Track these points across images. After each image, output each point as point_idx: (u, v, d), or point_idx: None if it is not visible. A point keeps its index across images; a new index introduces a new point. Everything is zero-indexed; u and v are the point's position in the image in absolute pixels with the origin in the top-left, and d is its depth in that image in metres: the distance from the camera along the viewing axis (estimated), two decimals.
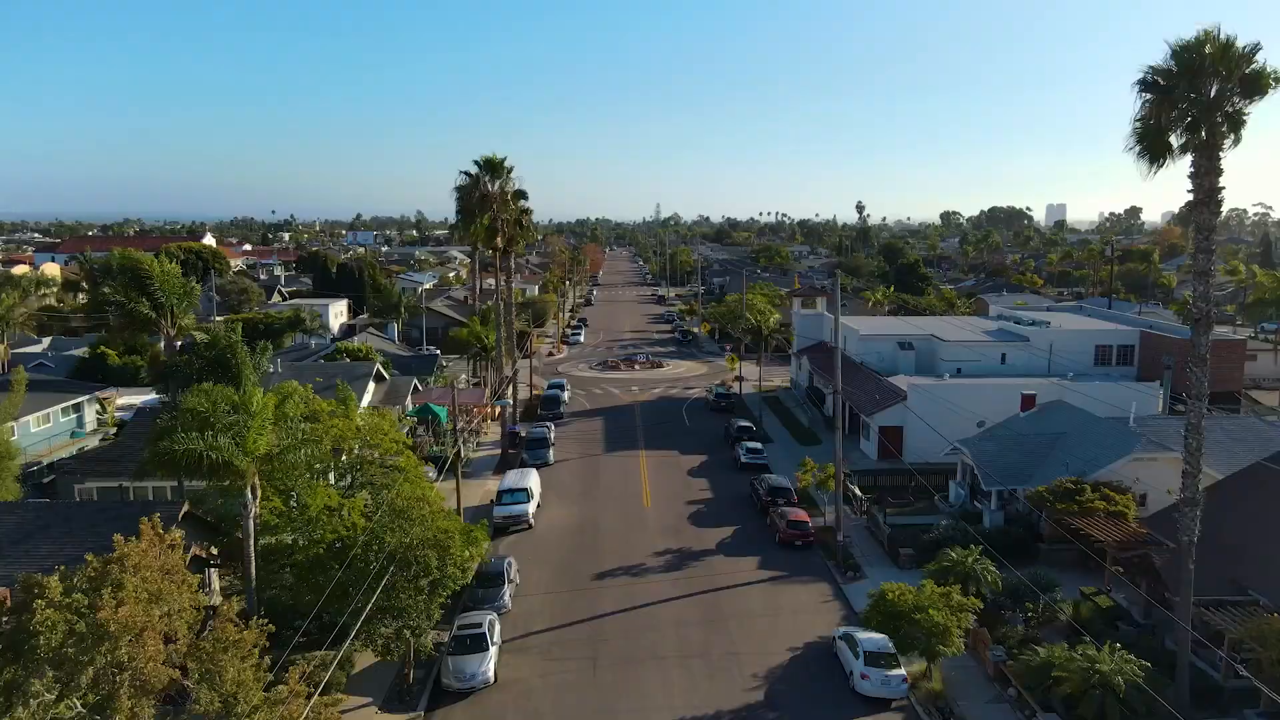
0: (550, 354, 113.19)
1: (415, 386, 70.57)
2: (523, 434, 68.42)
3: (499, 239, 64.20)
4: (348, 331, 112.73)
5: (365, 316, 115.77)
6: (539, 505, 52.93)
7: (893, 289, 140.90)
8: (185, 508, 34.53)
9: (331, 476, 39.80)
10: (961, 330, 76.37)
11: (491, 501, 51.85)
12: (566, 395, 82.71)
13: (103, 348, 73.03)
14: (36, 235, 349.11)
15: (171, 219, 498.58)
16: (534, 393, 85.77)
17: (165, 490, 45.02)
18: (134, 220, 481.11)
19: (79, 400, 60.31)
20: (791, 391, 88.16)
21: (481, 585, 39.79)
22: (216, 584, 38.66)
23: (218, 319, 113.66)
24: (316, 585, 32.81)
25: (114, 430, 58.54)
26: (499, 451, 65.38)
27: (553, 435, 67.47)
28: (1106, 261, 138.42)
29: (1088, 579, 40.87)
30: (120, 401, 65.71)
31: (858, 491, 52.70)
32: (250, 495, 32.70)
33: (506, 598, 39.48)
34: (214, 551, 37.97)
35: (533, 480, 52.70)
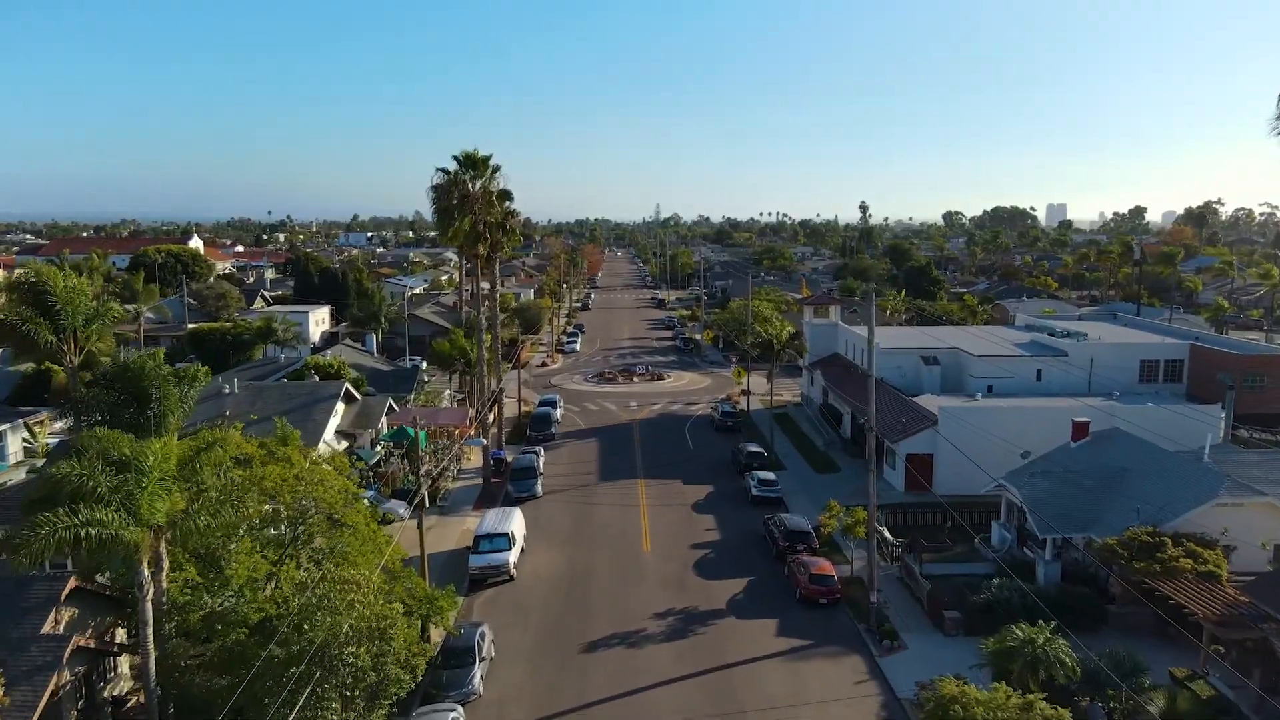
0: (543, 364, 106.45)
1: (390, 406, 63.95)
2: (508, 460, 61.78)
3: (481, 245, 57.43)
4: (329, 340, 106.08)
5: (347, 325, 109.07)
6: (523, 549, 46.32)
7: (904, 293, 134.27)
8: (71, 584, 27.91)
9: (281, 529, 33.07)
10: (989, 342, 69.63)
11: (468, 547, 45.12)
12: (559, 413, 76.02)
13: (48, 363, 66.25)
14: (29, 236, 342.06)
15: (170, 220, 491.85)
16: (524, 409, 79.10)
17: None
18: (130, 221, 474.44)
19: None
20: (803, 408, 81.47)
21: (447, 664, 33.14)
22: (125, 667, 31.98)
23: (190, 326, 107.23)
24: (239, 676, 26.17)
25: (43, 461, 51.84)
26: (481, 481, 58.74)
27: (542, 463, 60.77)
28: (1134, 264, 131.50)
29: (1170, 651, 34.21)
30: (58, 426, 59.01)
31: (887, 534, 46.00)
32: (146, 573, 26.03)
33: (476, 680, 32.74)
34: (120, 636, 31.31)
35: (515, 522, 45.98)
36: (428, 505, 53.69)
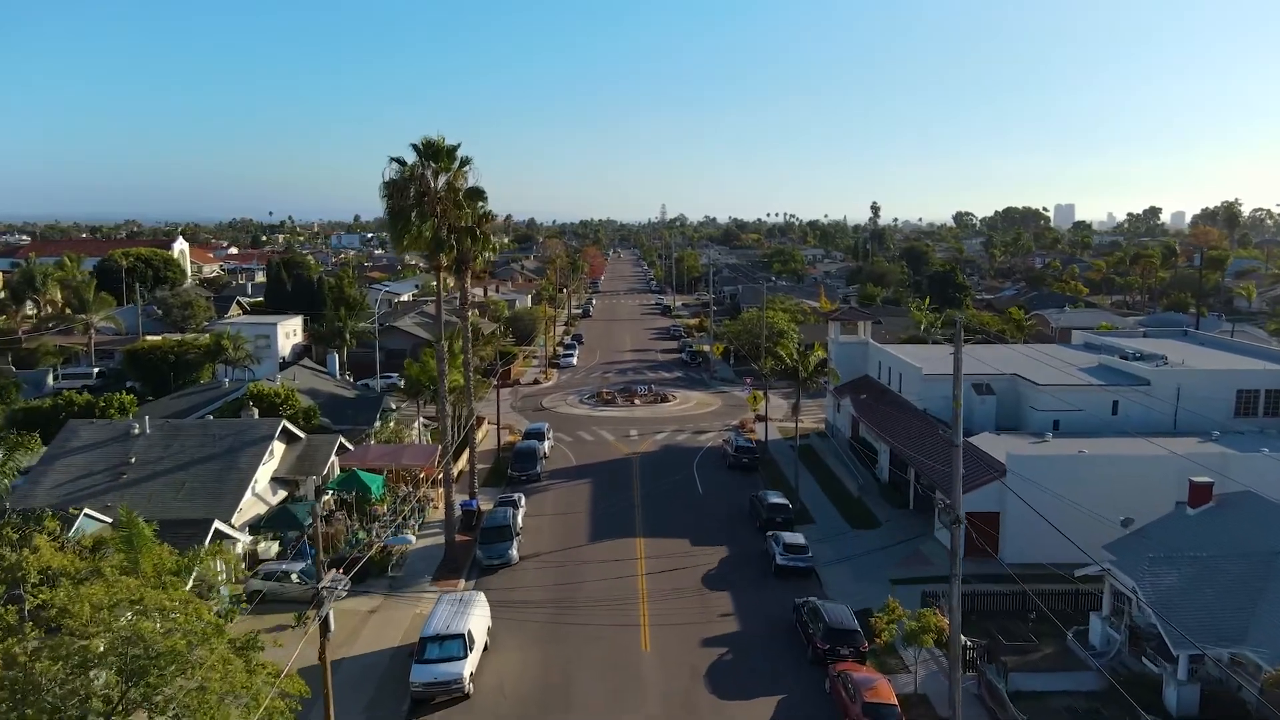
0: (535, 382, 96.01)
1: (341, 444, 53.69)
2: (480, 510, 51.52)
3: (446, 254, 47.08)
4: (302, 355, 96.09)
5: (308, 340, 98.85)
6: (487, 646, 36.06)
7: (928, 301, 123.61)
8: None
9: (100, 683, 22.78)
10: (1051, 368, 59.11)
11: (412, 652, 34.69)
12: (547, 446, 65.64)
13: None
14: (24, 238, 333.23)
15: (174, 221, 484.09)
16: (508, 439, 68.80)
17: None
18: (132, 222, 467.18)
19: None
20: (828, 439, 70.98)
21: None
22: None
23: (149, 339, 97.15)
24: None
25: None
26: (446, 540, 48.30)
27: (521, 516, 50.58)
28: (1191, 268, 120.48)
29: None
30: None
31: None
32: None
33: None
34: None
35: (475, 616, 35.55)
36: (375, 576, 43.71)
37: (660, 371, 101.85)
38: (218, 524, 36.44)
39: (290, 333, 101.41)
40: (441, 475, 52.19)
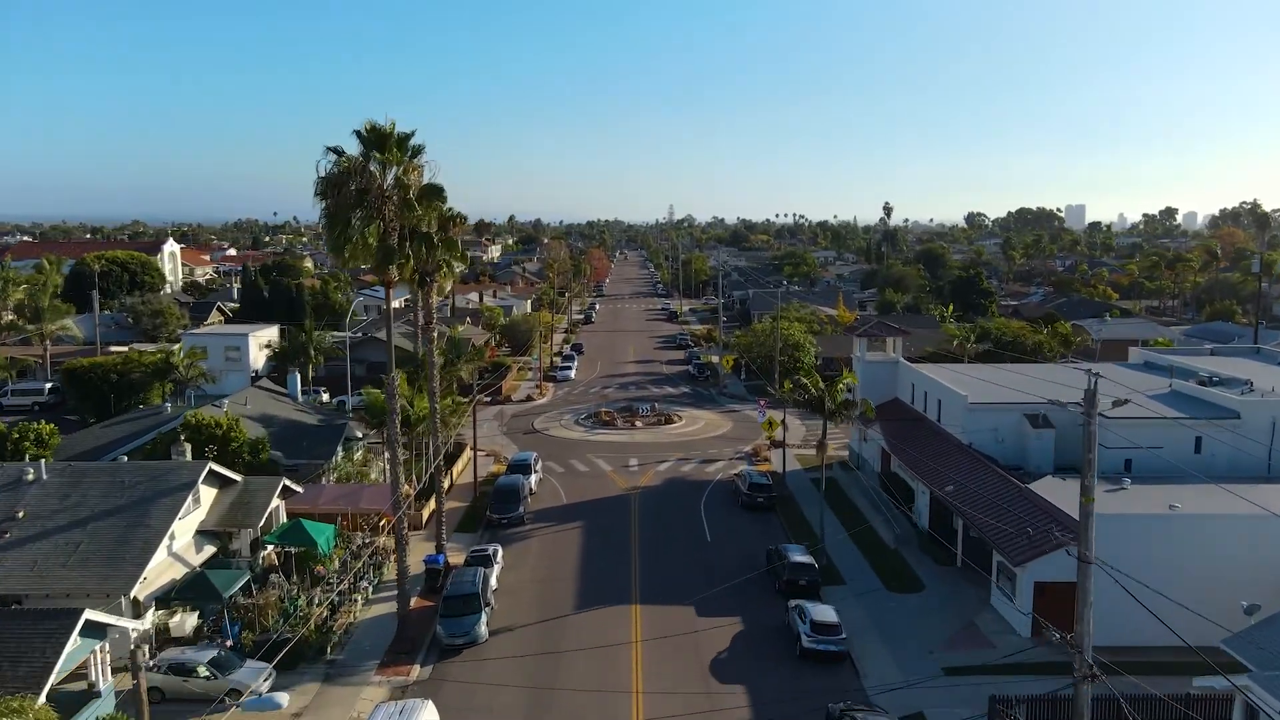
0: (529, 398, 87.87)
1: (286, 486, 45.57)
2: (448, 565, 43.43)
3: (401, 266, 38.99)
4: (276, 368, 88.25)
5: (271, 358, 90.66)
6: None
7: (950, 308, 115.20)
8: None
9: None
10: (1113, 395, 50.57)
11: None
12: (534, 480, 57.59)
13: None
14: (26, 238, 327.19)
15: (180, 221, 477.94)
16: (492, 469, 60.85)
17: None
18: (138, 222, 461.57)
19: None
20: (853, 471, 62.71)
21: None
22: None
23: (116, 349, 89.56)
24: None
25: None
26: (400, 609, 40.16)
27: (495, 577, 42.47)
28: (1253, 276, 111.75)
29: None
30: None
31: None
32: None
33: None
34: None
35: None
36: (310, 660, 35.72)
37: (665, 386, 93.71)
38: (89, 614, 28.35)
39: (263, 344, 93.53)
40: (407, 521, 44.10)
